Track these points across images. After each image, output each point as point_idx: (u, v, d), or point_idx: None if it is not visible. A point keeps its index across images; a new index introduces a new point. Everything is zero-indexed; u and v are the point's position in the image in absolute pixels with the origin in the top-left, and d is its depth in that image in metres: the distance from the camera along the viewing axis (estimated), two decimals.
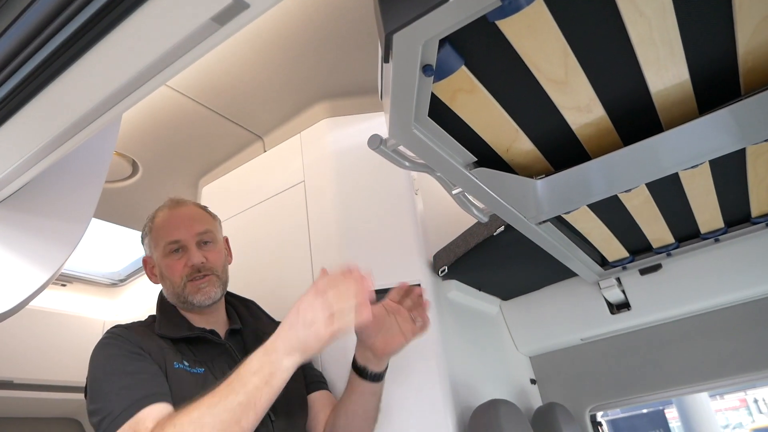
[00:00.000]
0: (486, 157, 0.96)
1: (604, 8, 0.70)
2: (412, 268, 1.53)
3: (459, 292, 1.67)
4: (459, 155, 0.92)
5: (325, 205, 1.66)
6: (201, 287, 1.25)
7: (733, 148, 1.00)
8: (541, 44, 0.74)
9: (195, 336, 1.20)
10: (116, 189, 2.13)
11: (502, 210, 1.09)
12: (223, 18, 0.71)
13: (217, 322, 1.30)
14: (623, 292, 1.71)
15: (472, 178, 0.96)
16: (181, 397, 1.05)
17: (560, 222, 1.28)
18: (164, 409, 0.99)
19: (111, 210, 2.30)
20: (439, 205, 1.73)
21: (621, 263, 1.60)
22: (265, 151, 1.97)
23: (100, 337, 1.14)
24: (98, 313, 2.75)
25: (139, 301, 2.79)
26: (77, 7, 0.71)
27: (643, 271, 1.66)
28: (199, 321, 1.27)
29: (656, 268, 1.64)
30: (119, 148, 1.90)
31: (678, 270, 1.64)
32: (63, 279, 2.72)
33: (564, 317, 1.85)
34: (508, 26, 0.69)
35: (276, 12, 1.47)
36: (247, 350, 1.25)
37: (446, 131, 0.86)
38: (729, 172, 1.15)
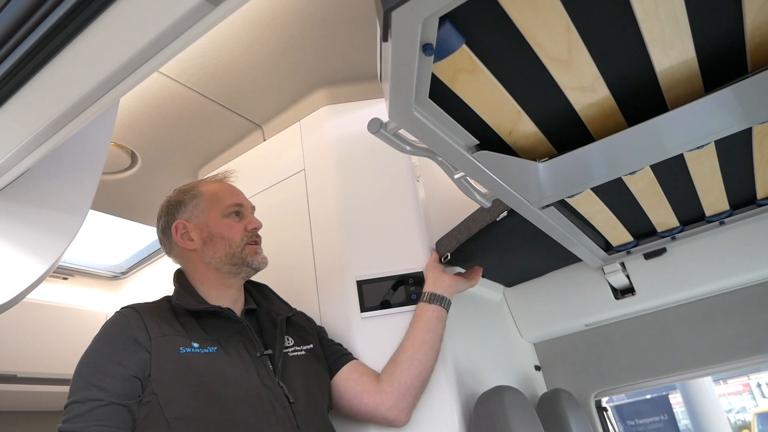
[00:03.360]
0: (488, 139, 0.94)
1: None
2: (414, 255, 1.52)
3: None
4: (461, 138, 0.90)
5: (326, 193, 1.65)
6: (258, 251, 1.30)
7: (739, 128, 0.98)
8: (543, 20, 0.72)
9: (212, 310, 1.20)
10: (116, 180, 2.11)
11: (504, 194, 1.08)
12: None
13: (236, 299, 1.30)
14: (628, 277, 1.70)
15: (474, 161, 0.94)
16: (190, 380, 1.05)
17: (564, 206, 1.26)
18: None
19: (111, 202, 2.29)
20: (441, 192, 1.72)
21: (625, 248, 1.59)
22: (265, 140, 1.96)
23: None
24: (100, 306, 2.75)
25: (141, 294, 2.78)
26: None
27: (648, 256, 1.64)
28: (218, 299, 1.26)
29: (661, 252, 1.62)
30: (118, 139, 1.88)
31: (683, 254, 1.62)
32: (64, 272, 2.72)
33: (568, 303, 1.84)
34: (509, 2, 0.67)
35: None
36: (261, 330, 1.27)
37: (447, 113, 0.84)
38: (734, 152, 1.13)
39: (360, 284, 1.48)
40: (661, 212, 1.37)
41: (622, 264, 1.68)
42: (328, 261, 1.57)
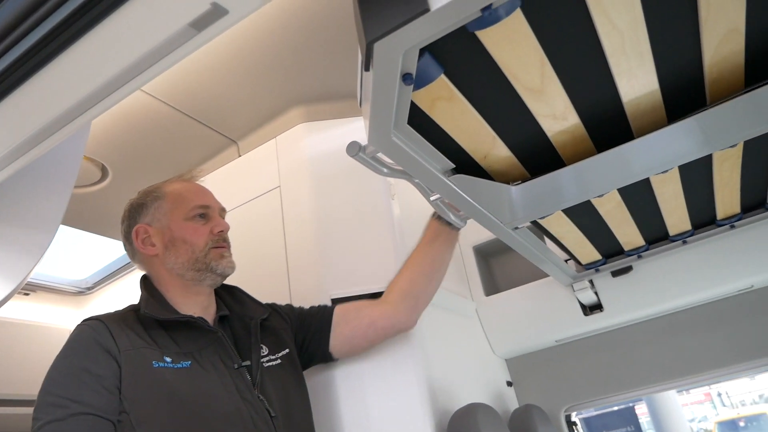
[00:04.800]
0: (464, 163, 0.97)
1: (580, 20, 0.72)
2: (389, 272, 1.53)
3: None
4: (437, 162, 0.93)
5: (301, 210, 1.65)
6: (224, 255, 1.22)
7: (701, 154, 1.03)
8: (518, 54, 0.75)
9: (184, 321, 1.13)
10: (84, 194, 2.07)
11: (479, 216, 1.10)
12: (201, 24, 0.70)
13: (207, 306, 1.22)
14: (596, 294, 1.74)
15: (450, 184, 0.97)
16: (165, 398, 0.99)
17: (535, 226, 1.30)
18: None
19: (78, 216, 2.24)
20: (416, 210, 1.74)
21: (594, 266, 1.64)
22: (240, 156, 1.95)
23: None
24: (64, 323, 2.67)
25: (108, 311, 2.72)
26: (51, 7, 0.69)
27: (615, 273, 1.69)
28: (187, 307, 1.18)
29: (627, 270, 1.68)
30: (88, 152, 1.85)
31: (648, 272, 1.68)
32: (26, 287, 2.64)
33: (538, 319, 1.88)
34: (487, 36, 0.70)
35: (252, 16, 1.45)
36: (236, 339, 1.20)
37: (425, 138, 0.87)
38: (696, 176, 1.18)
39: (335, 302, 1.49)
40: (627, 232, 1.42)
41: (591, 281, 1.72)
42: (303, 278, 1.57)
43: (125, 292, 2.69)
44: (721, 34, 0.78)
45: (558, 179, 1.03)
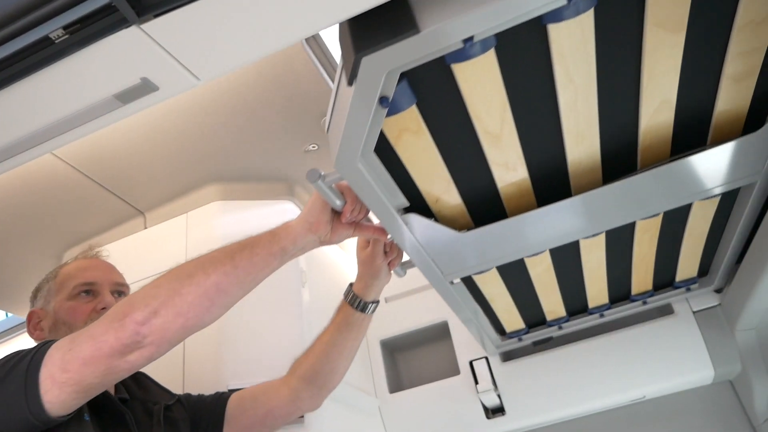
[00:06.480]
0: (416, 204, 0.98)
1: (543, 69, 0.77)
2: None
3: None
4: (394, 197, 0.93)
5: None
6: None
7: (626, 221, 1.10)
8: (485, 94, 0.79)
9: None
10: None
11: (422, 262, 1.09)
12: (127, 97, 0.69)
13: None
14: (499, 396, 1.75)
15: (401, 223, 0.96)
16: None
17: (470, 284, 1.30)
18: None
19: None
20: (327, 296, 1.67)
21: (517, 334, 1.66)
22: (146, 228, 1.82)
23: None
24: None
25: None
26: None
27: (536, 344, 1.72)
28: None
29: (547, 340, 1.72)
30: None
31: (548, 376, 1.73)
32: None
33: (441, 420, 1.82)
34: (461, 71, 0.74)
35: None
36: (136, 422, 1.08)
37: (387, 171, 0.87)
38: (619, 247, 1.25)
39: (232, 392, 1.35)
40: (552, 300, 1.47)
41: (495, 383, 1.74)
42: (200, 369, 1.43)
43: None
44: (658, 102, 0.87)
45: (500, 231, 1.05)
